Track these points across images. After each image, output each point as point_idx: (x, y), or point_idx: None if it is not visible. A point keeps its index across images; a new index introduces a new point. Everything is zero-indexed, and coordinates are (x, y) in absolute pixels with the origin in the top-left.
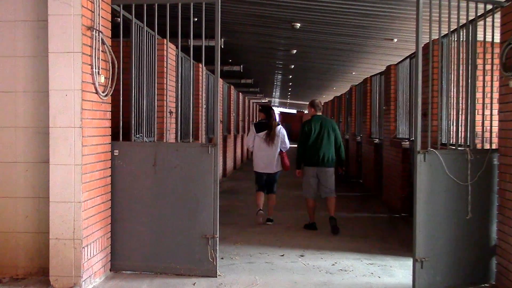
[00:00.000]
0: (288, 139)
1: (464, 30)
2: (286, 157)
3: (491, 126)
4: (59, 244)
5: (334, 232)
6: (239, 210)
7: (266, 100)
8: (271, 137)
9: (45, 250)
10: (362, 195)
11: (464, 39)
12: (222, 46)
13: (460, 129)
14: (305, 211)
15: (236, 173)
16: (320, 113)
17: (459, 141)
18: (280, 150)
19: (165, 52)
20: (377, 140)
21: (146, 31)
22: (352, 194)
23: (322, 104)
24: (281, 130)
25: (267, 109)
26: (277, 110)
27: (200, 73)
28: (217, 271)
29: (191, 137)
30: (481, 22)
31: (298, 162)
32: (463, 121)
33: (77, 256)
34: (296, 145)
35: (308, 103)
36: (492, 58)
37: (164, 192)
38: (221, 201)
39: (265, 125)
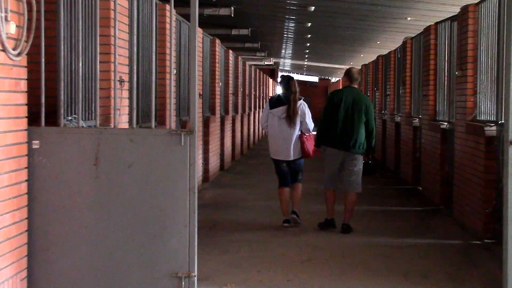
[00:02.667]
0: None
1: None
2: (309, 141)
3: None
4: None
5: (345, 232)
6: (230, 233)
7: (271, 62)
8: (291, 116)
9: None
10: (422, 210)
11: None
12: None
13: None
14: (330, 233)
15: (224, 176)
16: (356, 86)
17: None
18: (301, 132)
19: None
20: (445, 125)
21: None
22: (407, 209)
23: (362, 67)
24: (302, 106)
25: (285, 80)
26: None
27: (168, 20)
28: None
29: (153, 120)
30: None
31: (318, 139)
32: None
33: None
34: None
35: (338, 66)
36: None
37: (112, 206)
38: (202, 219)
39: (282, 99)
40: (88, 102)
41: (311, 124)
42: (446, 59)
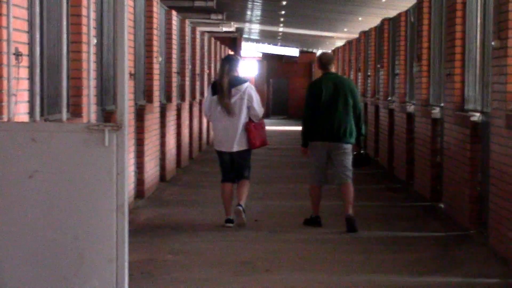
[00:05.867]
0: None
1: None
2: (257, 130)
3: None
4: None
5: (351, 230)
6: (175, 270)
7: (232, 27)
8: (222, 104)
9: None
10: (444, 236)
11: None
12: None
13: None
14: (313, 270)
15: (166, 190)
16: (333, 70)
17: None
18: (250, 120)
19: None
20: (477, 116)
21: None
22: (424, 235)
23: (360, 35)
24: (247, 89)
25: (223, 60)
26: (257, 51)
27: None
28: None
29: (65, 111)
30: None
31: (303, 137)
32: None
33: None
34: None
35: (326, 34)
36: None
37: (5, 233)
38: (135, 250)
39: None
40: None
41: (260, 109)
42: (479, 23)
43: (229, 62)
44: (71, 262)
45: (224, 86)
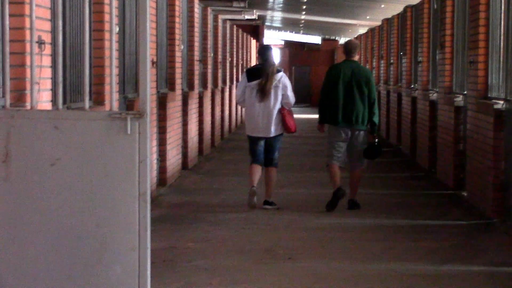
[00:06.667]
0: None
1: None
2: (290, 116)
3: None
4: None
5: (351, 207)
6: (197, 257)
7: (254, 15)
8: (264, 89)
9: None
10: (467, 225)
11: None
12: None
13: None
14: (336, 254)
15: (188, 177)
16: (356, 59)
17: None
18: (282, 106)
19: None
20: (500, 104)
21: None
22: (446, 223)
23: (382, 23)
24: (282, 78)
25: (262, 49)
26: (279, 39)
27: None
28: None
29: (87, 99)
30: None
31: (320, 115)
32: None
33: None
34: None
35: (348, 21)
36: None
37: (28, 220)
38: (157, 238)
39: (260, 71)
40: None
41: (292, 98)
42: (503, 10)
43: (271, 51)
44: (93, 250)
45: (269, 73)
